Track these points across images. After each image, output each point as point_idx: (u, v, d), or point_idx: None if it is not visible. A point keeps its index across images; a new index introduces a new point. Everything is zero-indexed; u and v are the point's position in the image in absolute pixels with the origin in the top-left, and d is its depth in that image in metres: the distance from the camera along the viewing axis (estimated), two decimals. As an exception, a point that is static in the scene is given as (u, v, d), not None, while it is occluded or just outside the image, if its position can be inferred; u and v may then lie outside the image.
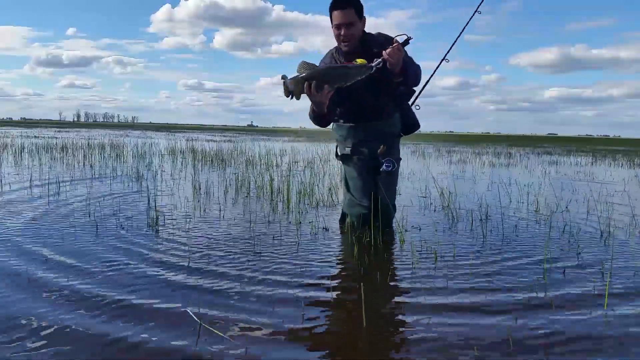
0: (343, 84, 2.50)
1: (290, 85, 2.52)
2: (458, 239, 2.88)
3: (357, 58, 2.60)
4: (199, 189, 4.64)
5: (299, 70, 2.52)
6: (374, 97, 2.83)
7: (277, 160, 8.55)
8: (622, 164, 10.92)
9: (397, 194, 3.04)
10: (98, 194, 4.25)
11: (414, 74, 2.74)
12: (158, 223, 3.06)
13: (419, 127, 3.08)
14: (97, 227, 2.95)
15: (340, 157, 3.02)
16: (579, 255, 2.55)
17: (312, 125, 2.93)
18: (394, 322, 1.69)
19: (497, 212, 3.79)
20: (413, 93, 2.95)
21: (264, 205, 3.94)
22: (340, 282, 2.09)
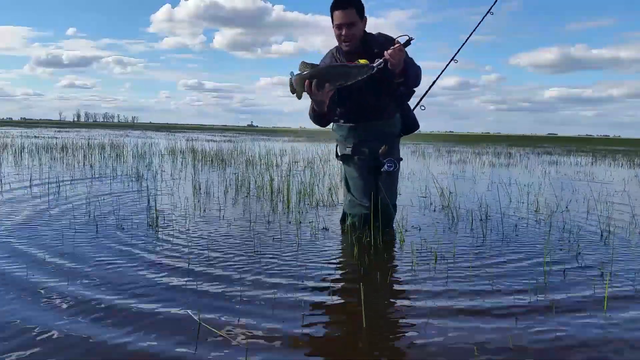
0: (344, 83, 2.50)
1: (294, 83, 2.53)
2: (458, 239, 2.88)
3: (357, 58, 2.60)
4: (199, 189, 4.64)
5: (300, 70, 2.53)
6: (375, 97, 2.83)
7: (277, 160, 8.55)
8: (622, 164, 10.92)
9: (397, 194, 3.04)
10: (98, 194, 4.25)
11: (415, 75, 2.74)
12: (158, 223, 3.06)
13: (419, 127, 3.09)
14: (97, 227, 2.95)
15: (341, 157, 3.02)
16: (579, 256, 2.54)
17: (312, 125, 2.93)
18: (394, 322, 1.69)
19: (497, 212, 3.79)
20: (413, 94, 2.95)
21: (264, 205, 3.94)
22: (340, 282, 2.09)
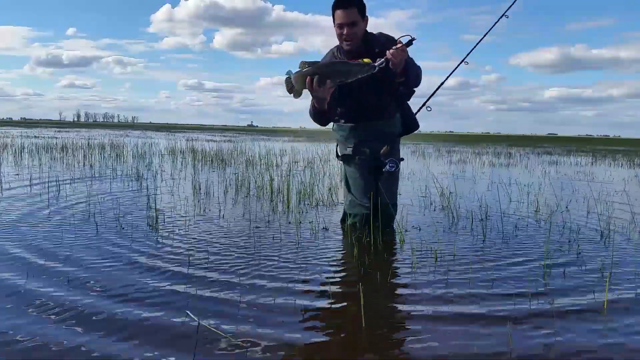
0: (344, 80, 2.50)
1: (293, 81, 2.52)
2: (458, 239, 2.88)
3: (358, 57, 2.60)
4: (199, 189, 4.64)
5: (300, 69, 2.52)
6: (376, 96, 2.83)
7: (277, 160, 8.55)
8: (622, 164, 10.92)
9: (397, 194, 3.04)
10: (98, 194, 4.25)
11: (415, 75, 2.74)
12: (158, 223, 3.06)
13: (419, 127, 3.09)
14: (96, 227, 2.95)
15: (342, 157, 3.01)
16: (579, 256, 2.54)
17: (312, 125, 2.93)
18: (394, 322, 1.69)
19: (497, 212, 3.79)
20: (413, 94, 2.95)
21: (264, 205, 3.94)
22: (340, 282, 2.09)
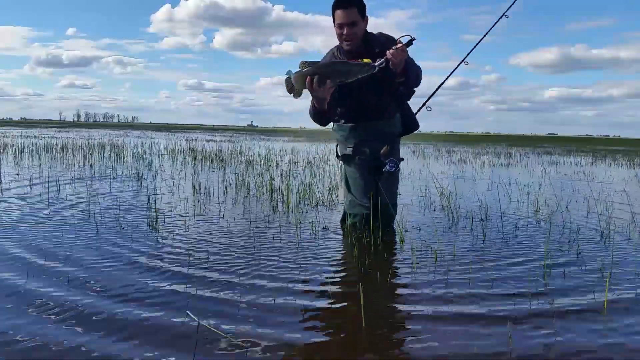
0: (344, 80, 2.50)
1: (293, 81, 2.52)
2: (458, 239, 2.88)
3: (358, 57, 2.60)
4: (199, 189, 4.64)
5: (300, 69, 2.52)
6: (376, 96, 2.83)
7: (277, 160, 8.55)
8: (622, 164, 10.92)
9: (397, 194, 3.04)
10: (98, 194, 4.25)
11: (415, 75, 2.75)
12: (158, 223, 3.06)
13: (419, 127, 3.09)
14: (97, 227, 2.95)
15: (342, 157, 3.01)
16: (579, 256, 2.54)
17: (312, 125, 2.93)
18: (394, 322, 1.69)
19: (497, 212, 3.79)
20: (413, 94, 2.95)
21: (264, 205, 3.94)
22: (340, 282, 2.09)
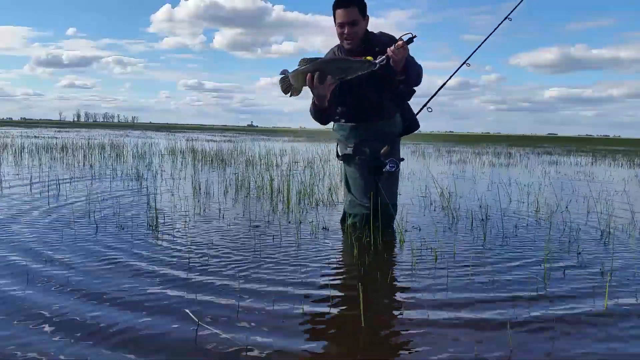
0: (345, 77, 2.49)
1: (292, 79, 2.52)
2: (458, 239, 2.88)
3: (359, 56, 2.60)
4: (199, 189, 4.64)
5: (300, 66, 2.52)
6: (377, 94, 2.83)
7: (277, 160, 8.55)
8: (622, 164, 10.92)
9: (397, 194, 3.04)
10: (98, 194, 4.25)
11: (416, 74, 2.74)
12: (158, 223, 3.06)
13: (419, 127, 3.09)
14: (96, 227, 2.95)
15: (342, 157, 3.01)
16: (579, 256, 2.54)
17: (312, 125, 2.93)
18: (394, 322, 1.69)
19: (497, 212, 3.79)
20: (413, 93, 2.95)
21: (264, 205, 3.94)
22: (340, 282, 2.09)
